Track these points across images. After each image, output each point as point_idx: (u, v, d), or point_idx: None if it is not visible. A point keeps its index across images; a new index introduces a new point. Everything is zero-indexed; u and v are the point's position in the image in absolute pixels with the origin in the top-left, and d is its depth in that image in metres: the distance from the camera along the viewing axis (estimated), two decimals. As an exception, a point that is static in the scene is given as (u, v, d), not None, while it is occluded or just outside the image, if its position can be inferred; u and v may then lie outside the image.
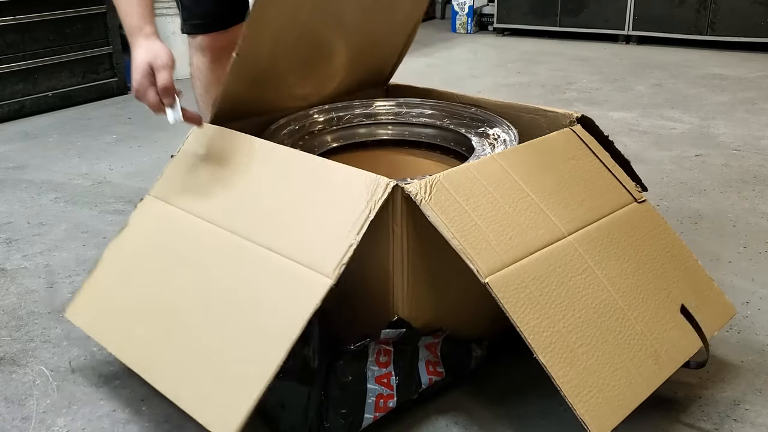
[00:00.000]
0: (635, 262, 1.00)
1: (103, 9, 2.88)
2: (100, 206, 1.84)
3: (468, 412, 1.03)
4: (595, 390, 0.85)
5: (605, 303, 0.93)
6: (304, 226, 0.93)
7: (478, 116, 1.26)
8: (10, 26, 2.63)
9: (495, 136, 1.18)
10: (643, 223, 1.06)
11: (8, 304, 1.37)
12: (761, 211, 1.71)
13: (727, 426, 1.00)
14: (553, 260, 0.93)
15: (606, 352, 0.89)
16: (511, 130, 1.18)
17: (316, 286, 0.85)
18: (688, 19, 3.71)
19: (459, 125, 1.27)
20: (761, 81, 3.03)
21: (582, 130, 1.13)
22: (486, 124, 1.23)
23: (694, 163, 2.05)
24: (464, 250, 0.87)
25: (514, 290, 0.87)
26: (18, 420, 1.04)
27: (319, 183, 0.96)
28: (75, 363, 1.17)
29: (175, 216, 1.07)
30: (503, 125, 1.20)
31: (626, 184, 1.09)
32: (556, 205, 0.99)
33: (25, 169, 2.14)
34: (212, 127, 1.16)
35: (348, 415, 0.93)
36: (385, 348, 0.96)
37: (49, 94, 2.79)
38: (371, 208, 0.88)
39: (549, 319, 0.87)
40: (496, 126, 1.21)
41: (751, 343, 1.19)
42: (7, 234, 1.68)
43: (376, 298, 1.00)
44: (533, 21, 4.18)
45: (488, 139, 1.18)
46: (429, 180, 0.91)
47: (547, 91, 2.93)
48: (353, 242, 0.87)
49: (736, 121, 2.45)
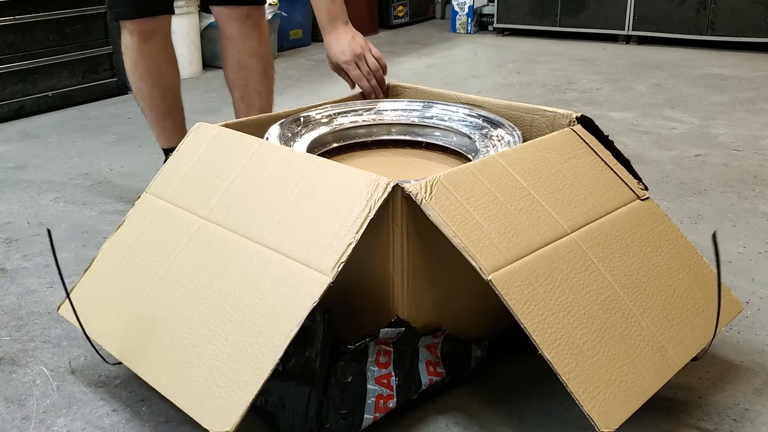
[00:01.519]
0: (639, 259, 1.00)
1: (103, 9, 2.87)
2: (100, 206, 1.84)
3: (468, 412, 1.03)
4: (602, 386, 0.84)
5: (610, 299, 0.93)
6: (302, 225, 0.93)
7: (482, 116, 1.26)
8: (10, 26, 2.63)
9: (499, 138, 1.18)
10: (647, 219, 1.06)
11: (8, 304, 1.37)
12: (761, 211, 1.71)
13: (727, 426, 1.00)
14: (557, 257, 0.92)
15: (612, 348, 0.88)
16: (515, 131, 1.18)
17: (314, 284, 0.85)
18: (688, 19, 3.71)
19: (462, 126, 1.27)
20: (761, 81, 3.03)
21: (582, 130, 1.13)
22: (490, 125, 1.23)
23: (694, 163, 2.05)
24: (466, 248, 0.87)
25: (518, 287, 0.87)
26: (18, 420, 1.04)
27: (318, 182, 0.96)
28: (75, 363, 1.17)
29: (173, 213, 1.07)
30: (507, 127, 1.20)
31: (629, 181, 1.09)
32: (559, 203, 0.99)
33: (25, 169, 2.14)
34: (212, 127, 1.16)
35: (348, 416, 0.93)
36: (385, 349, 0.96)
37: (49, 94, 2.79)
38: (371, 208, 0.88)
39: (553, 316, 0.87)
40: (500, 128, 1.21)
41: (751, 343, 1.19)
42: (7, 234, 1.68)
43: (376, 298, 1.00)
44: (533, 21, 4.18)
45: (492, 141, 1.18)
46: (429, 180, 0.91)
47: (547, 91, 2.93)
48: (352, 241, 0.87)
49: (736, 121, 2.45)
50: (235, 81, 1.78)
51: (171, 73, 1.74)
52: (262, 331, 0.86)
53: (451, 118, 1.30)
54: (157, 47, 1.69)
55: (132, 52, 1.67)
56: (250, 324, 0.88)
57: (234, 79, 1.79)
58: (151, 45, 1.67)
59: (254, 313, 0.88)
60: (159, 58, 1.69)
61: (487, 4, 4.59)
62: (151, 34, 1.66)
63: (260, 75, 1.78)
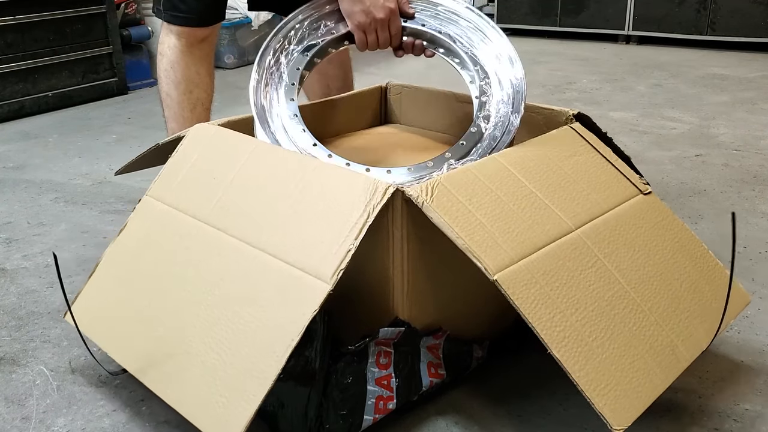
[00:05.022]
0: (645, 253, 0.99)
1: (103, 9, 2.88)
2: (100, 206, 1.84)
3: (468, 412, 1.03)
4: (612, 383, 0.84)
5: (618, 295, 0.92)
6: (302, 230, 0.92)
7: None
8: (10, 26, 2.63)
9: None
10: (651, 214, 1.05)
11: (8, 304, 1.37)
12: (761, 211, 1.71)
13: (727, 426, 1.00)
14: (562, 255, 0.92)
15: (621, 345, 0.88)
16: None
17: (315, 292, 0.85)
18: (688, 19, 3.71)
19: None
20: (761, 81, 3.03)
21: (581, 127, 1.13)
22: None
23: (694, 163, 2.05)
24: (471, 249, 0.86)
25: (524, 286, 0.86)
26: (18, 420, 1.04)
27: (317, 185, 0.96)
28: (75, 363, 1.17)
29: (173, 218, 1.07)
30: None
31: (630, 177, 1.08)
32: (562, 200, 0.99)
33: (25, 169, 2.14)
34: (211, 127, 1.16)
35: (348, 417, 0.93)
36: (385, 350, 0.95)
37: (49, 94, 2.79)
38: (369, 213, 0.88)
39: (561, 314, 0.86)
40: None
41: (751, 343, 1.19)
42: (7, 234, 1.68)
43: (376, 301, 0.99)
44: (533, 21, 4.17)
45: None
46: (430, 182, 0.91)
47: (547, 91, 2.93)
48: (351, 248, 0.86)
49: (736, 121, 2.45)
50: (315, 89, 1.73)
51: (207, 83, 1.62)
52: (263, 340, 0.86)
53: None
54: (201, 53, 1.58)
55: (173, 53, 1.56)
56: (252, 333, 0.87)
57: (314, 87, 1.74)
58: (195, 50, 1.57)
59: (255, 322, 0.88)
60: (199, 65, 1.59)
61: (487, 4, 4.59)
62: (201, 41, 1.56)
63: (341, 81, 1.74)
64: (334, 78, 1.75)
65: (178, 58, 1.56)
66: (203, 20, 1.53)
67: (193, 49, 1.56)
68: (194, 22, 1.52)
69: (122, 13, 3.05)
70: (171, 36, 1.56)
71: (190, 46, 1.55)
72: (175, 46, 1.55)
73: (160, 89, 1.61)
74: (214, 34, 1.61)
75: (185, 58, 1.56)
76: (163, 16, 1.53)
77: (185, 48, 1.55)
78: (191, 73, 1.57)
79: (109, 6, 2.90)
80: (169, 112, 1.61)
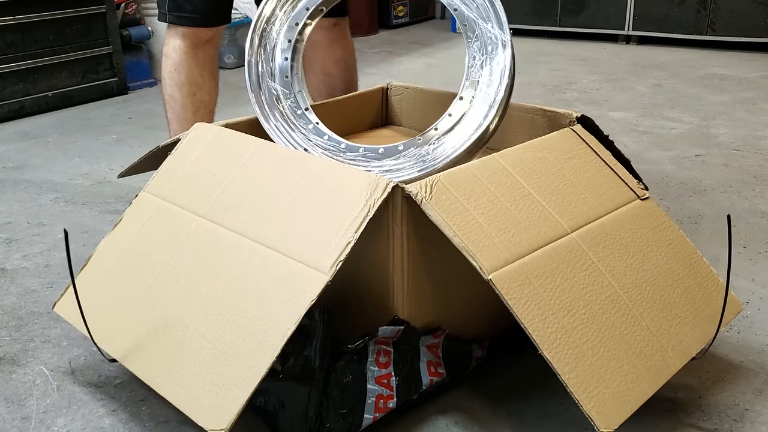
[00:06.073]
0: (639, 259, 1.00)
1: (103, 9, 2.88)
2: (100, 206, 1.84)
3: (468, 412, 1.03)
4: (601, 386, 0.84)
5: (610, 299, 0.93)
6: (301, 224, 0.93)
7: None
8: (10, 26, 2.63)
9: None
10: (647, 219, 1.06)
11: (8, 304, 1.37)
12: (761, 211, 1.71)
13: (727, 426, 1.00)
14: (557, 257, 0.92)
15: (612, 348, 0.88)
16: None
17: (312, 283, 0.85)
18: (688, 19, 3.71)
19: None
20: (761, 81, 3.03)
21: (582, 130, 1.13)
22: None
23: (694, 163, 2.05)
24: (466, 247, 0.87)
25: (518, 287, 0.87)
26: (18, 420, 1.04)
27: (318, 182, 0.96)
28: (75, 363, 1.17)
29: (170, 212, 1.07)
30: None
31: (629, 181, 1.09)
32: (559, 203, 0.99)
33: (25, 169, 2.14)
34: (211, 127, 1.16)
35: (348, 416, 0.93)
36: (385, 349, 0.96)
37: (49, 94, 2.79)
38: (370, 207, 0.88)
39: (553, 316, 0.87)
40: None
41: (751, 343, 1.19)
42: (7, 234, 1.68)
43: (375, 299, 1.00)
44: (533, 21, 4.17)
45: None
46: (429, 180, 0.91)
47: (547, 91, 2.93)
48: (351, 240, 0.87)
49: (736, 121, 2.45)
50: (320, 89, 1.74)
51: (210, 86, 1.62)
52: (259, 329, 0.86)
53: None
54: (205, 56, 1.59)
55: (178, 55, 1.57)
56: (248, 322, 0.87)
57: (319, 88, 1.74)
58: (199, 52, 1.57)
59: (251, 312, 0.88)
60: (203, 67, 1.59)
61: (487, 4, 4.59)
62: (205, 42, 1.57)
63: (345, 83, 1.74)
64: (339, 79, 1.75)
65: (183, 59, 1.56)
66: (208, 20, 1.54)
67: (197, 51, 1.57)
68: (198, 22, 1.53)
69: (122, 13, 3.06)
70: (175, 38, 1.57)
71: (194, 47, 1.56)
72: (180, 47, 1.56)
73: (164, 91, 1.62)
74: (218, 37, 1.61)
75: (189, 60, 1.56)
76: (168, 18, 1.55)
77: (189, 50, 1.56)
78: (195, 75, 1.58)
79: (109, 6, 2.90)
80: (172, 113, 1.61)
